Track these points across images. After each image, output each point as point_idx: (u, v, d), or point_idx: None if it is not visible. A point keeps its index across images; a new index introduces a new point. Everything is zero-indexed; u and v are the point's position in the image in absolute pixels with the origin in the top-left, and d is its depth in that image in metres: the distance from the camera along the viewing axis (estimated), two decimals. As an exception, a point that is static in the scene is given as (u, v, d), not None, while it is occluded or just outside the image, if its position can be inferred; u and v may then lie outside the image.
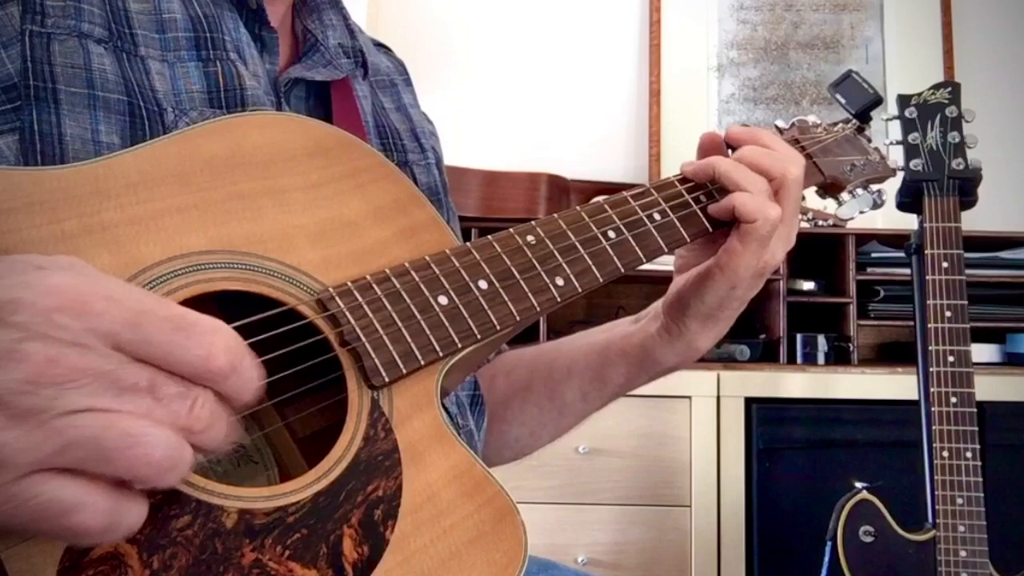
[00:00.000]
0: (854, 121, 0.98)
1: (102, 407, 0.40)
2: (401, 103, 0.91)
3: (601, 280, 0.70)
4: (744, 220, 0.76)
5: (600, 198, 0.75)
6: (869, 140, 0.98)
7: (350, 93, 0.82)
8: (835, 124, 0.97)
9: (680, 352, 0.84)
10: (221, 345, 0.43)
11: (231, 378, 0.43)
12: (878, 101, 0.99)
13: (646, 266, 0.74)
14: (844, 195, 0.93)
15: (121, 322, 0.41)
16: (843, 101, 0.99)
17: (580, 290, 0.69)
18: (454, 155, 0.99)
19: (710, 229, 0.78)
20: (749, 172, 0.77)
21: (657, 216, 0.76)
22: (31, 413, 0.38)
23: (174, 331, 0.42)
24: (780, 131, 0.93)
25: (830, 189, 0.93)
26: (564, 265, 0.69)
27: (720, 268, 0.78)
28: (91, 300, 0.41)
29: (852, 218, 0.94)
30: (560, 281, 0.68)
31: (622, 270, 0.72)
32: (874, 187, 0.95)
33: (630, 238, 0.73)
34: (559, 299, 0.68)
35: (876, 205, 0.95)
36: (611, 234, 0.72)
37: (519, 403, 0.93)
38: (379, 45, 0.97)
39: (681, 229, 0.76)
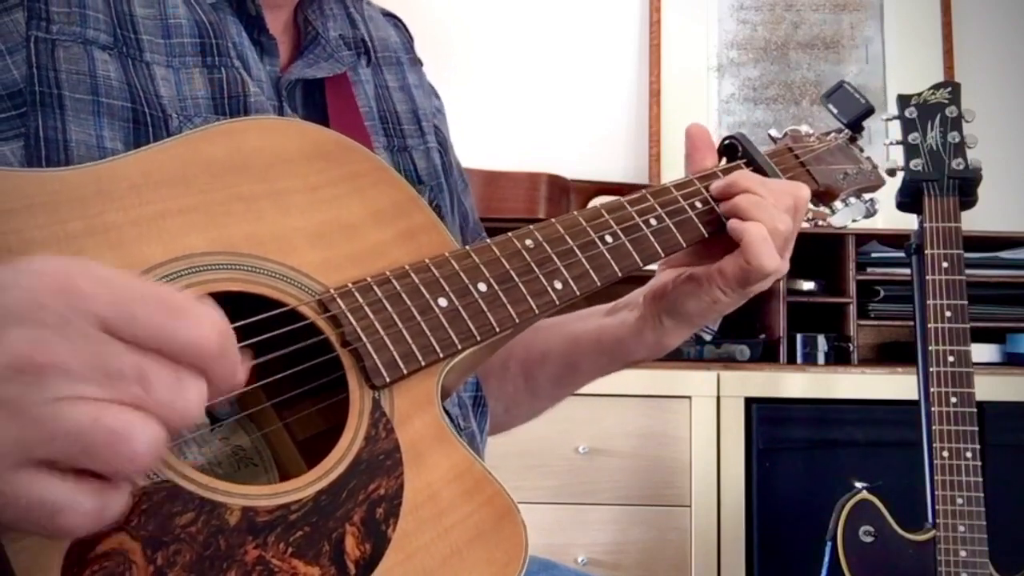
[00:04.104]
0: (846, 131, 0.99)
1: (88, 395, 0.38)
2: (405, 82, 0.91)
3: (599, 284, 0.71)
4: (744, 254, 0.76)
5: (598, 203, 0.76)
6: (861, 150, 1.00)
7: (347, 90, 0.82)
8: (827, 133, 0.98)
9: (649, 346, 0.86)
10: (209, 327, 0.41)
11: (220, 360, 0.42)
12: (869, 111, 0.99)
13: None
14: (837, 203, 0.95)
15: (109, 303, 0.39)
16: (835, 111, 1.00)
17: (578, 293, 0.70)
18: (454, 155, 0.99)
19: (705, 235, 0.79)
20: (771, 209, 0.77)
21: (654, 221, 0.76)
22: (13, 402, 0.37)
23: (165, 312, 0.40)
24: (773, 140, 0.94)
25: (823, 197, 0.94)
26: (562, 269, 0.69)
27: (709, 281, 0.78)
28: (78, 280, 0.39)
29: (844, 226, 0.96)
30: (558, 284, 0.69)
31: (619, 274, 0.73)
32: (866, 196, 0.97)
33: (627, 243, 0.74)
34: (557, 302, 0.68)
35: (869, 214, 0.97)
36: (608, 239, 0.73)
37: (496, 380, 0.94)
38: (388, 15, 0.95)
39: (677, 234, 0.77)
